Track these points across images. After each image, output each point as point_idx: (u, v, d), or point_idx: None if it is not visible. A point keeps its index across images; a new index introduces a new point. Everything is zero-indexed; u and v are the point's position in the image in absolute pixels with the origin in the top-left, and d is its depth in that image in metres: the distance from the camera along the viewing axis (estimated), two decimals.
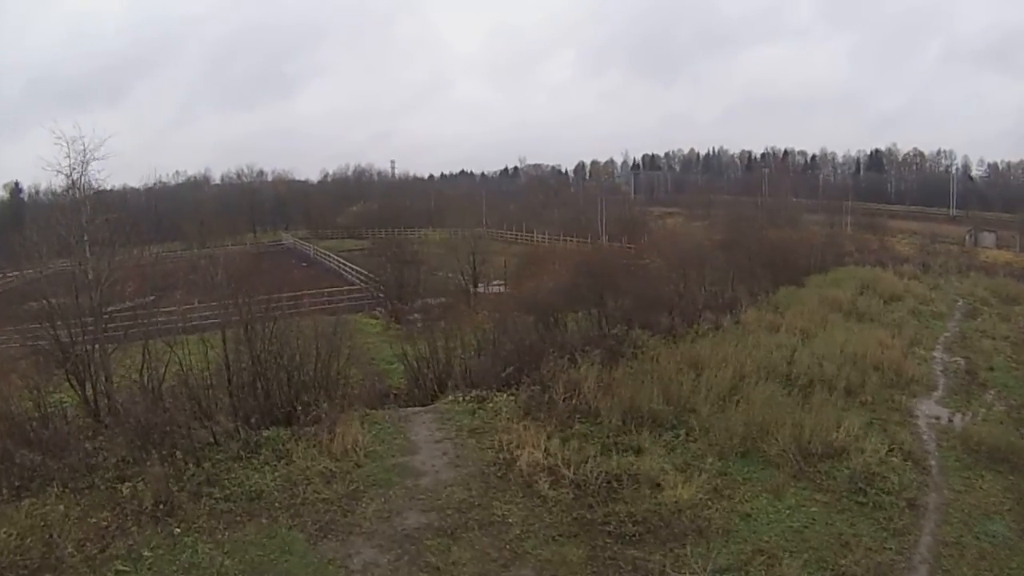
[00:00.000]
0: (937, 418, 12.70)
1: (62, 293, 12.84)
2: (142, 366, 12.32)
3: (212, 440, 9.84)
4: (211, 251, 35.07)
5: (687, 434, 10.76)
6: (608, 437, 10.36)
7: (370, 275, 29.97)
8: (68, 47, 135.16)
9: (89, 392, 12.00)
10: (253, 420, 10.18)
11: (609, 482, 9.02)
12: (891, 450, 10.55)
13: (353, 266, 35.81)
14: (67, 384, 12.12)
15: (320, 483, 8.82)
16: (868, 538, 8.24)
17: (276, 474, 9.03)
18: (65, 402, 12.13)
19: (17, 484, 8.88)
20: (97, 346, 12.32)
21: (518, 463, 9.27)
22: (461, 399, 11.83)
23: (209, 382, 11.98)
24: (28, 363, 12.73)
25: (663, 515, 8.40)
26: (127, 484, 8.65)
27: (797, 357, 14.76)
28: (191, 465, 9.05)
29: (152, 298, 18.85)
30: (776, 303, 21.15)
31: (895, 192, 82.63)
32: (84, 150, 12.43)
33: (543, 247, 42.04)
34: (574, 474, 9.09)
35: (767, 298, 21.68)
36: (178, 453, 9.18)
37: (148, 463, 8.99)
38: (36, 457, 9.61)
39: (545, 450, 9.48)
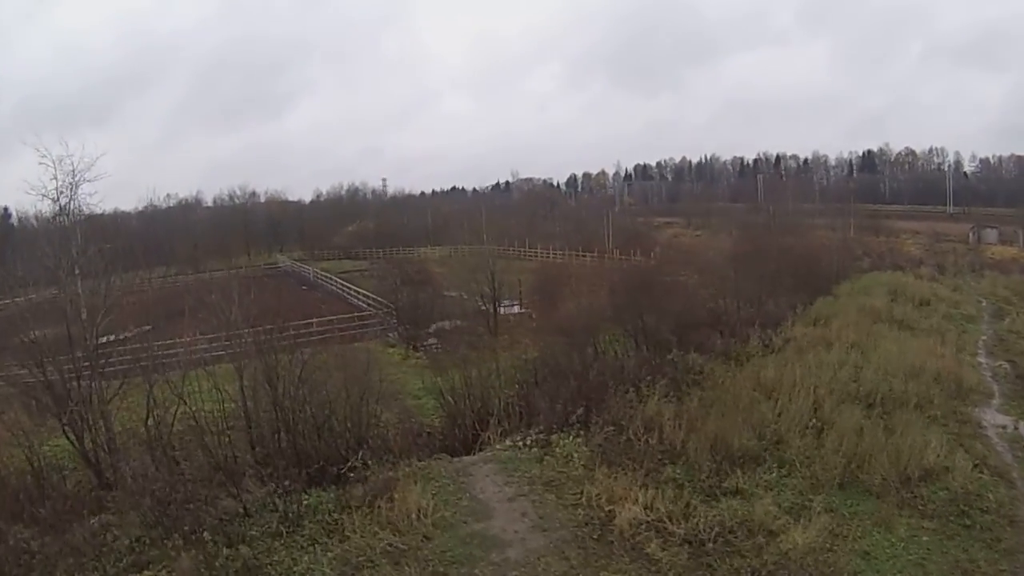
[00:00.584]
0: (1004, 427, 12.21)
1: (51, 326, 11.46)
2: (147, 414, 10.89)
3: (243, 511, 8.37)
4: (208, 276, 33.27)
5: (779, 468, 9.95)
6: (703, 480, 9.30)
7: (380, 299, 28.42)
8: (54, 65, 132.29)
9: (88, 445, 10.65)
10: (287, 483, 8.65)
11: (722, 534, 8.01)
12: (976, 466, 10.14)
13: (357, 288, 34.21)
14: (61, 431, 10.82)
15: (387, 565, 7.36)
16: (984, 563, 7.92)
17: (330, 555, 7.56)
18: (60, 454, 10.94)
19: (14, 574, 7.43)
20: (94, 389, 10.89)
21: (615, 521, 8.09)
22: (522, 444, 10.44)
23: (222, 427, 10.53)
24: (17, 408, 11.28)
25: (788, 567, 7.63)
26: (147, 574, 7.21)
27: (863, 375, 13.97)
28: (223, 547, 7.59)
29: (149, 328, 17.47)
30: (816, 315, 20.19)
31: (889, 192, 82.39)
32: (73, 171, 11.36)
33: (554, 264, 40.44)
34: (683, 529, 7.99)
35: (805, 311, 20.70)
36: (205, 533, 7.71)
37: (169, 545, 7.55)
38: (33, 538, 8.19)
39: (642, 503, 8.28)
